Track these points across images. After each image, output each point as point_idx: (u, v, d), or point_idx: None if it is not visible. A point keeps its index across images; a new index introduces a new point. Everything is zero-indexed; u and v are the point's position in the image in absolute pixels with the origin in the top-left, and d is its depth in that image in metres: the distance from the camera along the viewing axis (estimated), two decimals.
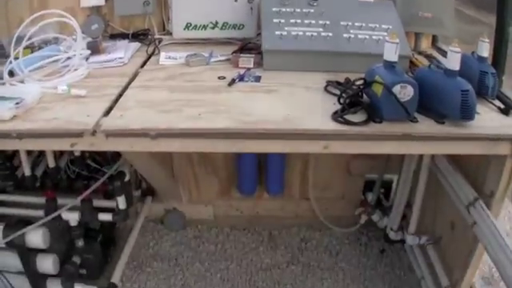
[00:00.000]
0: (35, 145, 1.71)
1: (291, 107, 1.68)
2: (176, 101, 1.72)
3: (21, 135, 1.58)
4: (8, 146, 1.70)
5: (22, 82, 1.88)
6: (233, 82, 1.89)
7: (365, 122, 1.56)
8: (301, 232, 3.08)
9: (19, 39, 2.05)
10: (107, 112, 1.64)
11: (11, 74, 1.92)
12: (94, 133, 1.55)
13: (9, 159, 2.51)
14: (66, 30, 2.15)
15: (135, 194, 2.85)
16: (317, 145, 1.59)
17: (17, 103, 1.63)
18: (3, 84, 1.86)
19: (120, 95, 1.78)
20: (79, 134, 1.55)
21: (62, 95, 1.77)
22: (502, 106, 1.75)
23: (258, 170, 2.93)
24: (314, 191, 3.02)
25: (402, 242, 2.79)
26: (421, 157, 2.40)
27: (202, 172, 3.00)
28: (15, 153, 2.55)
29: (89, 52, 2.10)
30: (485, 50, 1.78)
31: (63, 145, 1.62)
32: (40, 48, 2.10)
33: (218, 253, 2.92)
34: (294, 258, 2.88)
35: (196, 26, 2.33)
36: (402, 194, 2.64)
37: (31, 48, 2.06)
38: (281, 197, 3.06)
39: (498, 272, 1.73)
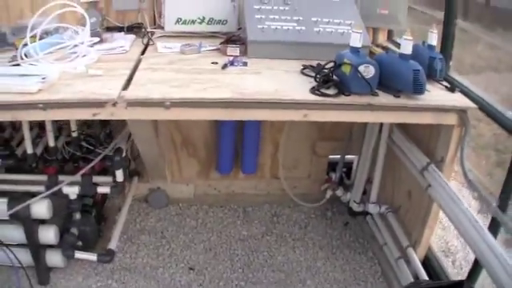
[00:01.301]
0: (59, 114, 1.97)
1: (277, 84, 2.04)
2: (182, 79, 2.06)
3: (46, 106, 1.87)
4: (33, 116, 1.96)
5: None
6: (225, 66, 2.24)
7: (336, 95, 1.94)
8: (272, 208, 3.43)
9: (21, 29, 2.35)
10: (125, 87, 1.96)
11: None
12: (115, 104, 1.87)
13: (7, 141, 2.83)
14: (64, 21, 2.44)
15: None
16: (299, 113, 1.97)
17: (43, 78, 1.92)
18: (18, 64, 2.14)
19: (132, 75, 2.10)
20: (102, 104, 1.88)
21: (81, 74, 2.06)
22: (449, 86, 2.16)
23: (234, 152, 3.25)
24: (283, 171, 3.38)
25: (364, 214, 3.15)
26: (379, 135, 2.78)
27: (184, 155, 3.32)
28: (12, 135, 2.85)
29: (97, 39, 2.40)
30: (433, 39, 2.19)
31: (85, 114, 1.93)
32: (42, 38, 2.33)
33: (200, 227, 3.23)
34: (268, 230, 3.22)
35: (186, 20, 2.66)
36: (362, 169, 3.01)
37: (34, 37, 2.29)
38: (254, 176, 3.41)
39: (454, 226, 2.08)
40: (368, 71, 1.91)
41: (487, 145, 4.28)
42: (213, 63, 2.29)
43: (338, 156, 3.34)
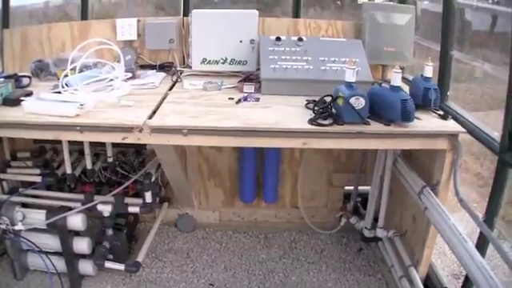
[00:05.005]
0: (93, 137, 2.36)
1: (281, 116, 2.35)
2: (200, 111, 2.40)
3: (83, 128, 2.25)
4: (71, 137, 2.35)
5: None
6: (239, 101, 2.56)
7: (331, 125, 2.23)
8: (291, 235, 3.68)
9: (62, 61, 2.77)
10: (150, 116, 2.30)
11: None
12: (141, 130, 2.22)
13: (47, 162, 3.22)
14: (102, 57, 2.84)
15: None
16: (298, 141, 2.27)
17: (81, 105, 2.29)
18: (59, 92, 2.53)
19: (158, 107, 2.44)
20: (130, 129, 2.23)
21: (113, 104, 2.43)
22: (442, 114, 2.42)
23: (256, 183, 3.57)
24: (302, 201, 3.65)
25: (376, 240, 3.34)
26: (385, 164, 3.01)
27: (210, 185, 3.66)
28: (53, 158, 3.24)
29: (130, 75, 2.77)
30: (428, 71, 2.46)
31: (116, 138, 2.30)
32: (81, 70, 2.72)
33: (223, 249, 3.51)
34: (285, 254, 3.46)
35: (210, 61, 3.00)
36: (372, 197, 3.22)
37: (74, 69, 2.65)
38: (275, 206, 3.69)
39: (447, 245, 2.25)
40: (359, 103, 2.19)
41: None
42: (229, 99, 2.60)
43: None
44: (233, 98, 2.60)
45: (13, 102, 2.43)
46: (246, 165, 3.46)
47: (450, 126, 2.34)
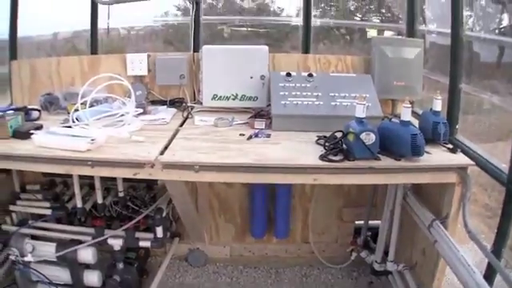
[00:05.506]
0: (105, 172, 2.37)
1: (292, 152, 2.36)
2: (211, 147, 2.41)
3: (94, 163, 2.27)
4: (83, 171, 2.35)
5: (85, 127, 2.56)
6: (250, 137, 2.58)
7: (342, 160, 2.23)
8: (302, 269, 3.65)
9: (72, 95, 2.82)
10: (162, 152, 2.32)
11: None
12: (152, 165, 2.23)
13: (58, 196, 3.23)
14: (113, 92, 2.88)
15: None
16: (309, 177, 2.27)
17: (92, 140, 2.32)
18: (69, 126, 2.55)
19: (169, 143, 2.47)
20: (142, 165, 2.25)
21: (125, 139, 2.45)
22: (451, 147, 2.43)
23: (267, 218, 3.56)
24: (313, 236, 3.64)
25: (387, 274, 3.31)
26: (395, 199, 3.01)
27: (221, 220, 3.66)
28: (63, 191, 3.25)
29: (141, 111, 2.80)
30: (437, 105, 2.48)
31: (127, 173, 2.31)
32: (92, 105, 2.74)
33: (234, 284, 3.49)
34: None
35: (221, 97, 3.04)
36: (383, 231, 3.22)
37: (84, 103, 2.68)
38: (286, 241, 3.67)
39: (457, 278, 2.21)
40: (369, 138, 2.20)
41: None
42: (240, 135, 2.62)
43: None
44: (244, 134, 2.62)
45: (23, 134, 2.47)
46: (257, 200, 3.46)
47: (459, 159, 2.35)
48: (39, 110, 2.89)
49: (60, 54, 4.20)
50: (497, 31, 3.69)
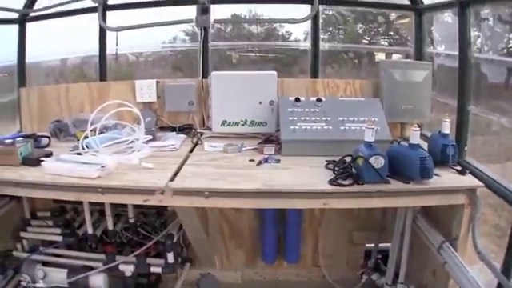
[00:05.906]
0: (115, 199, 2.39)
1: (302, 177, 2.37)
2: (221, 173, 2.42)
3: (104, 190, 2.29)
4: (93, 198, 2.40)
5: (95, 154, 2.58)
6: (260, 163, 2.59)
7: (351, 184, 2.24)
8: None
9: (81, 122, 2.82)
10: (172, 179, 2.34)
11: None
12: (162, 192, 2.25)
13: (68, 222, 3.23)
14: (122, 119, 2.89)
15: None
16: (319, 202, 2.29)
17: (102, 167, 2.34)
18: (79, 153, 2.56)
19: (179, 169, 2.48)
20: (152, 192, 2.26)
21: (135, 166, 2.46)
22: (460, 169, 2.43)
23: (277, 243, 3.55)
24: (323, 260, 3.63)
25: None
26: (405, 221, 2.99)
27: (232, 245, 3.67)
28: (74, 217, 3.26)
29: (151, 137, 2.81)
30: (446, 128, 2.49)
31: (138, 200, 2.32)
32: (102, 132, 2.75)
33: None
34: None
35: (230, 122, 3.07)
36: (393, 253, 3.20)
37: (93, 130, 2.69)
38: (296, 265, 3.66)
39: None
40: (378, 162, 2.22)
41: None
42: (250, 160, 2.63)
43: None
44: (253, 160, 2.63)
45: (32, 161, 2.49)
46: (267, 225, 3.46)
47: (468, 180, 2.35)
48: (49, 137, 2.93)
49: (69, 80, 4.24)
50: (505, 50, 3.70)
